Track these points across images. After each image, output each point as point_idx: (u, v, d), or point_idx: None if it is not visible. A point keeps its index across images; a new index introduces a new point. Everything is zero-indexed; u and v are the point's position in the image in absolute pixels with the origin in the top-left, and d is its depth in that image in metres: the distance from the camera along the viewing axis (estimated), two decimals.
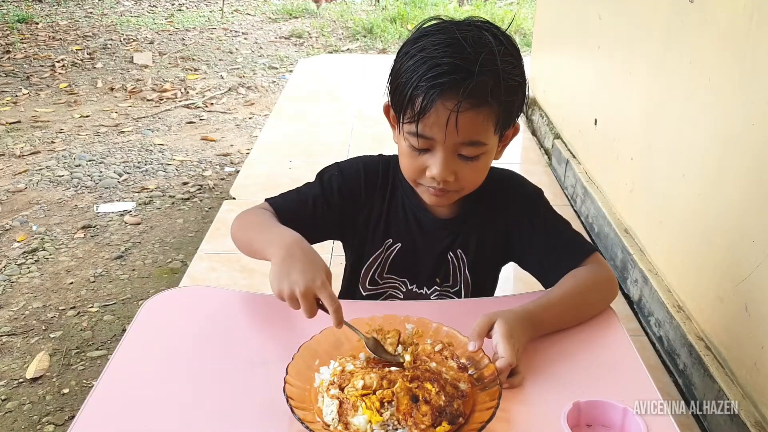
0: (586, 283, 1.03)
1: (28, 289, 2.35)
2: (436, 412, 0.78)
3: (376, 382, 0.81)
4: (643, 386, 0.88)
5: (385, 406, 0.79)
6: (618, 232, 2.29)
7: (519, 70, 0.98)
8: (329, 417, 0.79)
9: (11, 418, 1.79)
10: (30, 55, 5.31)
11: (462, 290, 1.16)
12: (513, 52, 0.98)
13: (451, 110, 0.92)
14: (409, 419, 0.77)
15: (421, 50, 0.95)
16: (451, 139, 0.95)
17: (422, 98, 0.93)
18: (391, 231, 1.14)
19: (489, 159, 1.02)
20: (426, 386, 0.81)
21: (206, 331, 1.00)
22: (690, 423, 1.66)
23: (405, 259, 1.15)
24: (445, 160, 0.97)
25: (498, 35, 0.97)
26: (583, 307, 1.02)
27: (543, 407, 0.83)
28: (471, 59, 0.91)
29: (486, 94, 0.92)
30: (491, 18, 6.40)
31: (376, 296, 1.18)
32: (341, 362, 0.87)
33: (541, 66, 3.71)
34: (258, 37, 6.15)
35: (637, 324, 2.09)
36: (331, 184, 1.13)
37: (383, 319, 0.95)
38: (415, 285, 1.16)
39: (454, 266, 1.14)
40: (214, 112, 4.23)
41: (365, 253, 1.16)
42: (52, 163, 3.40)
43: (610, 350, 0.97)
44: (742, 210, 1.53)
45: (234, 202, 2.83)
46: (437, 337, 0.93)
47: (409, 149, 1.00)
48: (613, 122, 2.48)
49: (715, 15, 1.66)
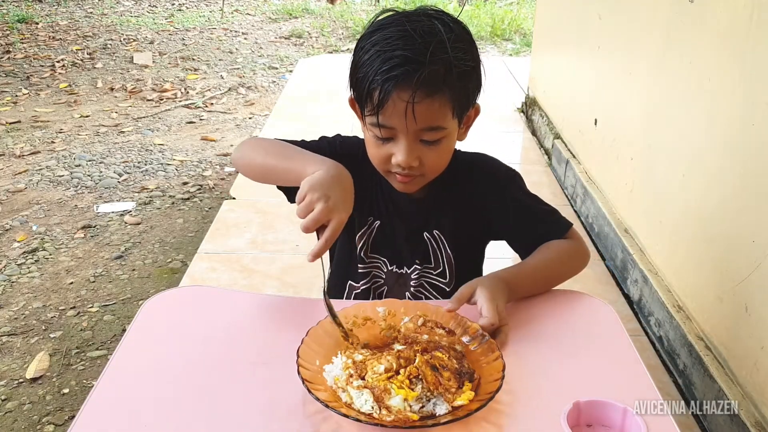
0: (559, 254, 1.10)
1: (28, 289, 2.35)
2: (456, 375, 0.84)
3: (396, 363, 0.84)
4: (643, 386, 0.88)
5: (413, 382, 0.82)
6: (618, 232, 2.29)
7: (471, 55, 1.01)
8: (366, 406, 0.80)
9: (11, 418, 1.79)
10: (30, 55, 5.31)
11: (446, 271, 1.17)
12: (463, 39, 1.01)
13: (407, 101, 0.96)
14: (440, 387, 0.82)
15: (375, 44, 0.99)
16: (411, 126, 0.99)
17: (378, 91, 0.97)
18: (374, 209, 1.18)
19: (451, 142, 1.06)
20: (437, 355, 0.86)
21: (206, 331, 1.00)
22: (690, 423, 1.66)
23: (383, 238, 1.18)
24: (408, 146, 1.01)
25: (448, 23, 1.00)
26: (553, 276, 1.09)
27: (543, 407, 0.83)
28: (422, 50, 0.95)
29: (439, 83, 0.96)
30: (491, 18, 6.40)
31: (365, 275, 1.20)
32: (348, 354, 0.88)
33: (541, 66, 3.71)
34: (258, 37, 6.15)
35: (637, 324, 2.09)
36: (335, 146, 1.19)
37: (353, 308, 0.97)
38: (395, 265, 1.19)
39: (433, 247, 1.17)
40: (214, 112, 4.23)
41: (356, 227, 1.19)
42: (52, 163, 3.40)
43: (610, 350, 0.97)
44: (742, 210, 1.53)
45: (234, 202, 2.83)
46: (410, 312, 0.97)
47: (374, 139, 1.04)
48: (613, 122, 2.48)
49: (715, 15, 1.66)
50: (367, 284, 1.20)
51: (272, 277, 2.28)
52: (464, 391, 0.82)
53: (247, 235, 2.55)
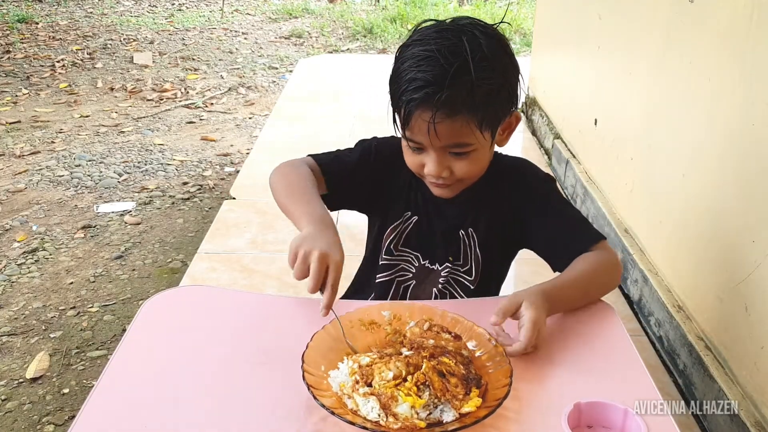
0: (596, 267, 1.08)
1: (28, 289, 2.35)
2: (463, 381, 0.83)
3: (404, 370, 0.83)
4: (643, 386, 0.88)
5: (421, 389, 0.81)
6: (618, 232, 2.29)
7: (499, 71, 1.02)
8: (373, 414, 0.79)
9: (11, 418, 1.79)
10: (30, 55, 5.31)
11: (473, 269, 1.19)
12: (492, 54, 1.01)
13: (428, 121, 0.99)
14: (447, 394, 0.81)
15: (404, 62, 1.02)
16: (435, 143, 1.03)
17: (403, 110, 1.02)
18: (411, 204, 1.20)
19: (483, 152, 1.08)
20: (444, 360, 0.85)
21: (206, 331, 1.00)
22: (690, 423, 1.66)
23: (420, 234, 1.20)
24: (436, 159, 1.05)
25: (479, 37, 1.00)
26: (591, 290, 1.08)
27: (544, 408, 0.83)
28: (442, 73, 0.97)
29: (458, 105, 0.98)
30: (491, 18, 6.40)
31: (390, 267, 1.21)
32: (354, 359, 0.87)
33: (541, 66, 3.71)
34: (258, 37, 6.15)
35: (637, 324, 2.09)
36: (370, 152, 1.22)
37: (357, 312, 0.97)
38: (428, 261, 1.21)
39: (465, 244, 1.18)
40: (214, 112, 4.23)
41: (387, 221, 1.21)
42: (52, 163, 3.40)
43: (611, 351, 0.97)
44: (742, 210, 1.53)
45: (234, 202, 2.83)
46: (415, 315, 0.97)
47: (408, 148, 1.09)
48: (613, 122, 2.48)
49: (715, 15, 1.66)
50: (391, 276, 1.21)
51: (272, 277, 2.28)
52: (471, 397, 0.82)
53: (247, 235, 2.55)
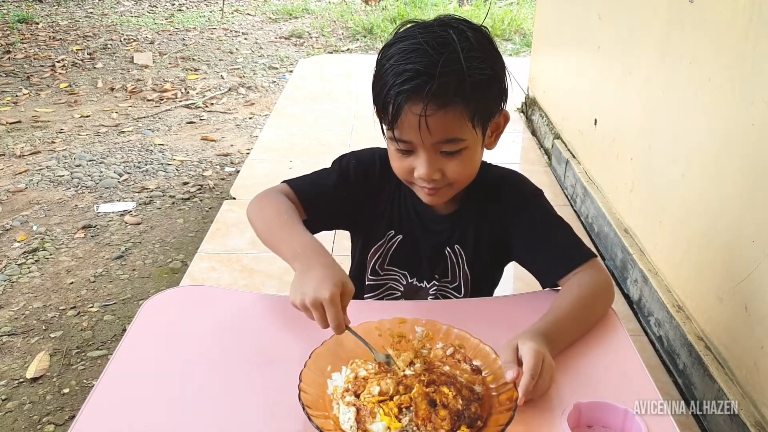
0: (590, 293, 1.02)
1: (29, 289, 2.35)
2: (454, 417, 0.77)
3: (393, 388, 0.80)
4: (643, 386, 0.88)
5: (403, 412, 0.78)
6: (618, 232, 2.29)
7: (488, 63, 0.98)
8: (347, 425, 0.78)
9: (11, 418, 1.79)
10: (30, 55, 5.31)
11: (462, 286, 1.16)
12: (481, 47, 0.98)
13: (419, 114, 0.94)
14: (429, 425, 0.77)
15: (390, 58, 0.98)
16: (426, 140, 0.97)
17: (392, 106, 0.96)
18: (395, 222, 1.16)
19: (474, 152, 1.03)
20: (443, 390, 0.80)
21: (206, 331, 1.00)
22: (690, 423, 1.66)
23: (405, 252, 1.16)
24: (427, 159, 1.00)
25: (465, 31, 0.97)
26: (588, 319, 1.01)
27: (544, 408, 0.83)
28: (433, 62, 0.93)
29: (450, 94, 0.94)
30: (491, 18, 6.39)
31: (377, 287, 1.19)
32: (353, 368, 0.86)
33: (541, 66, 3.71)
34: (258, 37, 6.15)
35: (637, 324, 2.09)
36: (348, 171, 1.15)
37: (391, 323, 0.94)
38: (415, 278, 1.18)
39: (453, 261, 1.15)
40: (214, 112, 4.23)
41: (370, 241, 1.17)
42: (52, 163, 3.40)
43: (610, 350, 0.97)
44: (741, 210, 1.53)
45: (234, 202, 2.83)
46: (448, 339, 0.92)
47: (396, 152, 1.03)
48: (613, 122, 2.48)
49: (715, 15, 1.66)
50: (379, 296, 1.19)
51: (272, 277, 2.28)
52: None
53: (248, 235, 2.55)
